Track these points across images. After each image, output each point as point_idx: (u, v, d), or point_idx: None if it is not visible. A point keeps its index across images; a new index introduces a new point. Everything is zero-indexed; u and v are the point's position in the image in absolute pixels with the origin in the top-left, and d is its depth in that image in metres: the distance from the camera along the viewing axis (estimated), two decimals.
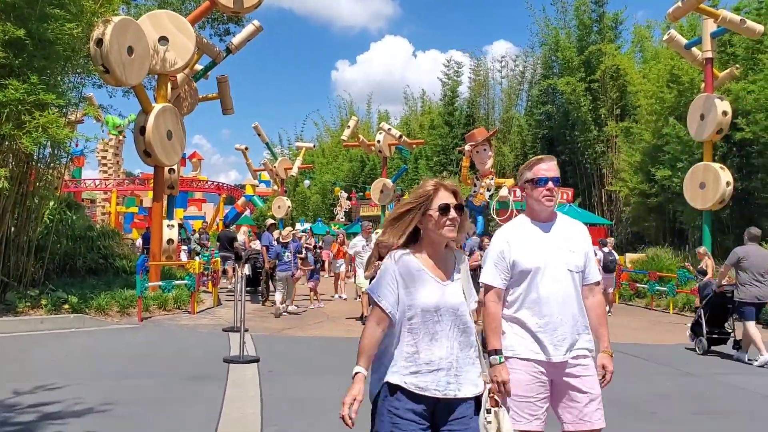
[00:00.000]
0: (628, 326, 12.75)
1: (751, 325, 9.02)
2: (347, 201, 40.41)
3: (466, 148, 21.49)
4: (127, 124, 26.52)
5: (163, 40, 13.66)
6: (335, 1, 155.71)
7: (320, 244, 22.49)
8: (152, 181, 16.69)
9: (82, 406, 5.89)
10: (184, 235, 24.67)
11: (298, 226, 31.09)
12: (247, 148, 33.07)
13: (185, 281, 13.57)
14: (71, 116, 13.95)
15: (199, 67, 17.52)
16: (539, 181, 3.40)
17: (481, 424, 2.79)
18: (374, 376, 2.99)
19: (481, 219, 22.24)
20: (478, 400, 2.85)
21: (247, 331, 8.74)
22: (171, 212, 17.76)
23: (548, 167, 3.42)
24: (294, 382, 7.21)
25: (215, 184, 41.21)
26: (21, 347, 9.09)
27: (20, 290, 11.54)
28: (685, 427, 5.92)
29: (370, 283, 8.39)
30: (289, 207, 31.03)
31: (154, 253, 14.09)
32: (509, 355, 3.30)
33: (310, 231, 24.71)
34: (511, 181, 23.88)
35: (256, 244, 17.64)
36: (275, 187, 38.87)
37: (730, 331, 9.86)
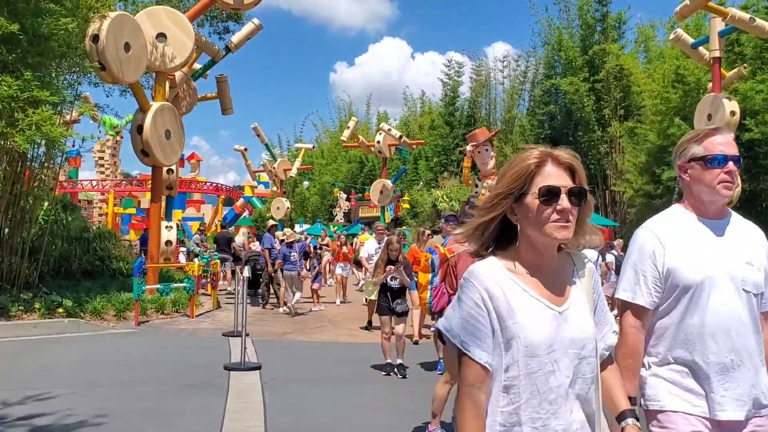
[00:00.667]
0: None
1: None
2: (346, 202, 40.11)
3: (468, 148, 21.08)
4: (125, 125, 26.12)
5: (161, 36, 13.34)
6: (333, 2, 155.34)
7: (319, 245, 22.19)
8: (150, 182, 16.35)
9: (75, 419, 5.56)
10: (182, 236, 24.41)
11: (297, 228, 30.76)
12: (246, 149, 32.78)
13: (184, 284, 13.24)
14: (67, 116, 13.62)
15: (198, 66, 17.20)
16: (715, 160, 2.40)
17: None
18: None
19: None
20: None
21: (247, 335, 8.40)
22: (169, 213, 17.40)
23: (726, 141, 2.44)
24: (298, 392, 6.87)
25: (214, 185, 40.84)
26: (13, 353, 8.75)
27: (13, 293, 11.19)
28: None
29: (381, 289, 7.74)
30: (288, 208, 30.71)
31: (152, 255, 13.75)
32: (654, 408, 2.40)
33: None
34: None
35: (256, 246, 17.28)
36: (274, 188, 38.54)
37: None
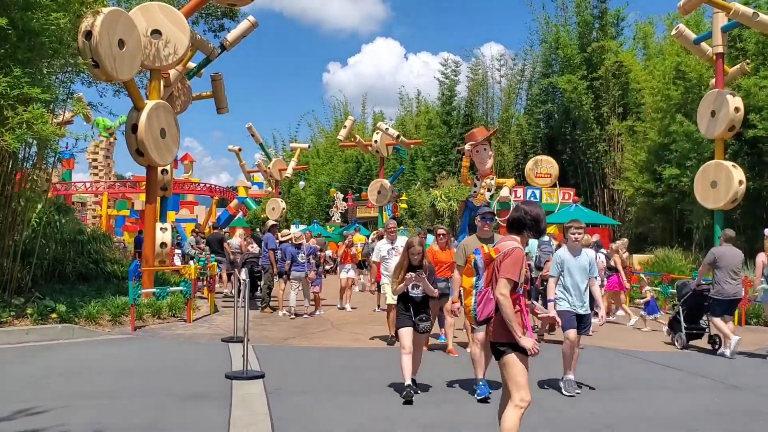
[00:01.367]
0: (648, 333, 12.16)
1: (717, 320, 9.83)
2: (343, 202, 39.79)
3: (466, 147, 20.79)
4: (118, 126, 25.81)
5: (156, 33, 12.97)
6: (325, 3, 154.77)
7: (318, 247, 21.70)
8: (143, 183, 15.96)
9: None
10: (176, 238, 24.02)
11: (293, 228, 30.41)
12: (240, 149, 32.58)
13: (180, 287, 12.87)
14: (60, 116, 13.24)
15: (193, 64, 16.84)
16: None
17: None
18: None
19: None
20: None
21: (248, 341, 8.04)
22: (164, 215, 17.04)
23: None
24: (305, 402, 6.51)
25: (207, 186, 40.49)
26: (3, 362, 8.37)
27: (4, 298, 10.80)
28: None
29: (400, 298, 6.94)
30: (284, 209, 30.46)
31: (147, 257, 13.39)
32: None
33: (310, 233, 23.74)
34: (512, 181, 23.23)
35: (254, 248, 16.91)
36: (269, 189, 38.26)
37: (705, 326, 10.52)
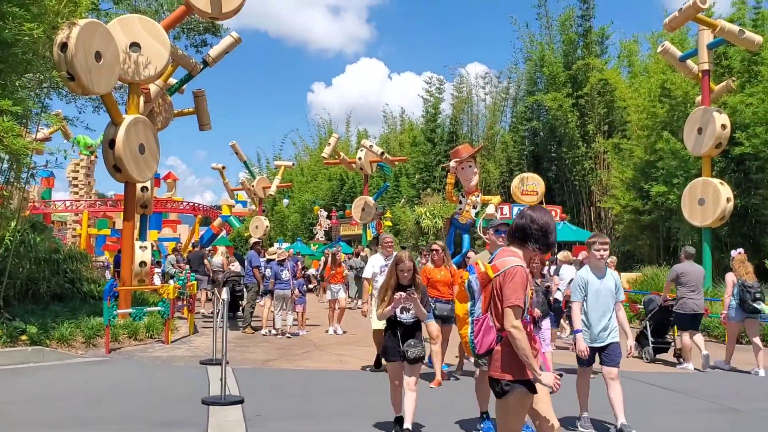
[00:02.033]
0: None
1: (685, 336, 10.13)
2: (327, 220, 39.43)
3: (451, 164, 20.72)
4: (99, 144, 25.36)
5: (135, 46, 12.62)
6: (310, 23, 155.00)
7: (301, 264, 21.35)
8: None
9: None
10: (158, 257, 23.54)
11: (276, 246, 30.02)
12: (224, 167, 32.28)
13: (158, 307, 12.44)
14: (35, 134, 12.84)
15: (174, 80, 16.52)
16: None
17: None
18: None
19: (467, 237, 21.42)
20: None
21: (227, 363, 7.66)
22: (144, 233, 16.65)
23: None
24: (287, 430, 6.14)
25: (190, 204, 40.02)
26: None
27: None
28: None
29: (388, 324, 5.98)
30: (267, 227, 30.07)
31: (124, 277, 12.96)
32: None
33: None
34: (497, 198, 23.12)
35: (236, 266, 16.52)
36: (252, 207, 37.84)
37: (671, 340, 11.06)
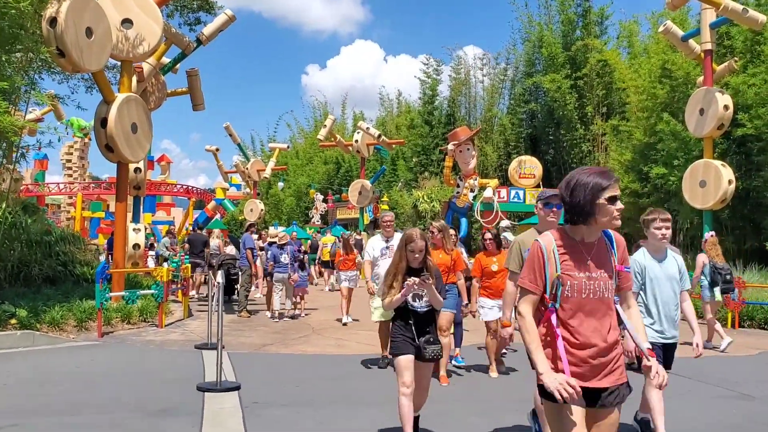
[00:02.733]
0: None
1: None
2: (323, 203, 39.17)
3: (449, 147, 20.52)
4: (93, 126, 25.01)
5: (127, 22, 12.30)
6: (305, 5, 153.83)
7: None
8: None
9: None
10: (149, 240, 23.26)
11: (272, 229, 29.87)
12: (218, 149, 31.91)
13: (152, 291, 12.19)
14: (30, 114, 12.51)
15: (167, 60, 16.20)
16: None
17: None
18: None
19: (465, 221, 21.22)
20: None
21: (223, 348, 7.41)
22: (137, 215, 16.42)
23: None
24: (285, 417, 5.91)
25: (184, 187, 39.77)
26: None
27: None
28: None
29: (397, 314, 5.05)
30: (262, 210, 29.86)
31: (117, 259, 12.71)
32: None
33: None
34: (495, 182, 22.91)
35: (231, 249, 16.27)
36: (247, 191, 37.58)
37: None
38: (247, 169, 30.42)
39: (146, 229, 16.61)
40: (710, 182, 15.33)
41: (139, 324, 11.59)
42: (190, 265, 14.57)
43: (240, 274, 14.46)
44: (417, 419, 5.13)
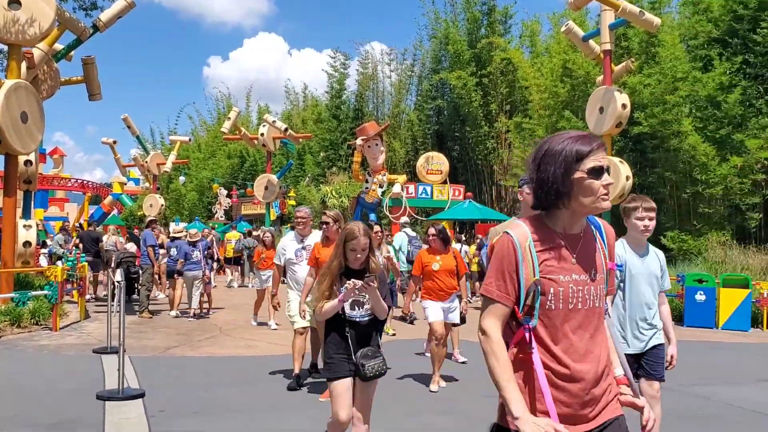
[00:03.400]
0: None
1: None
2: (227, 198, 38.24)
3: (358, 142, 20.42)
4: None
5: (14, 3, 11.46)
6: None
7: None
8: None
9: None
10: (44, 237, 21.97)
11: (173, 226, 28.92)
12: (115, 142, 30.42)
13: (45, 291, 11.39)
14: None
15: (61, 46, 15.22)
16: None
17: None
18: None
19: (373, 216, 21.18)
20: None
21: (124, 351, 6.92)
22: (28, 210, 15.32)
23: None
24: (197, 428, 5.55)
25: (79, 182, 37.86)
26: None
27: None
28: None
29: (330, 325, 4.21)
30: (163, 205, 28.76)
31: (5, 258, 11.83)
32: None
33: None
34: (403, 177, 22.99)
35: (131, 246, 15.50)
36: (146, 185, 36.19)
37: None
38: (147, 162, 29.20)
39: (38, 225, 15.62)
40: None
41: (31, 327, 10.80)
42: (87, 265, 13.77)
43: (141, 272, 13.78)
44: None
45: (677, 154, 18.37)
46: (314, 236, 7.26)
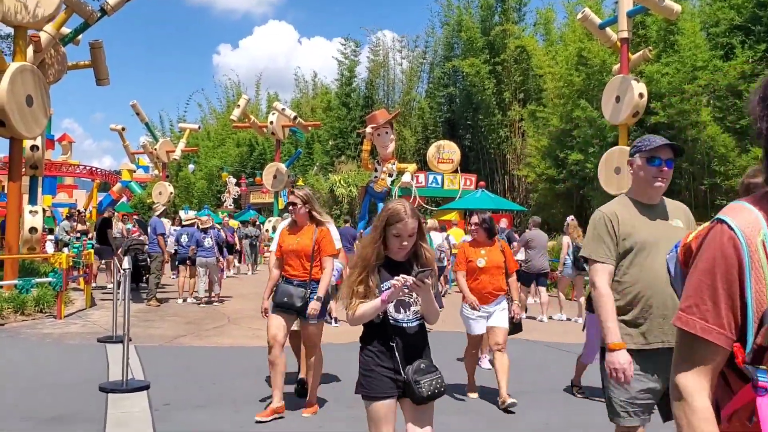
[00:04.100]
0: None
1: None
2: (236, 187, 38.06)
3: (367, 130, 20.12)
4: None
5: None
6: None
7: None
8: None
9: None
10: (51, 224, 21.84)
11: (182, 214, 28.74)
12: (123, 129, 30.23)
13: (50, 278, 11.18)
14: None
15: (68, 30, 14.98)
16: None
17: None
18: None
19: (382, 206, 20.93)
20: None
21: (130, 341, 6.67)
22: (35, 196, 15.14)
23: None
24: (201, 421, 5.29)
25: (88, 168, 37.81)
26: None
27: None
28: None
29: (369, 330, 3.27)
30: (172, 193, 28.57)
31: (11, 244, 11.62)
32: None
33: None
34: (413, 166, 22.67)
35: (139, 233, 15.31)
36: (155, 173, 35.98)
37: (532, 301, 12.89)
38: (156, 150, 28.99)
39: (45, 212, 15.44)
40: (625, 169, 15.50)
41: (35, 315, 10.61)
42: (94, 252, 13.57)
43: (149, 260, 13.58)
44: None
45: (695, 145, 17.98)
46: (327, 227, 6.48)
